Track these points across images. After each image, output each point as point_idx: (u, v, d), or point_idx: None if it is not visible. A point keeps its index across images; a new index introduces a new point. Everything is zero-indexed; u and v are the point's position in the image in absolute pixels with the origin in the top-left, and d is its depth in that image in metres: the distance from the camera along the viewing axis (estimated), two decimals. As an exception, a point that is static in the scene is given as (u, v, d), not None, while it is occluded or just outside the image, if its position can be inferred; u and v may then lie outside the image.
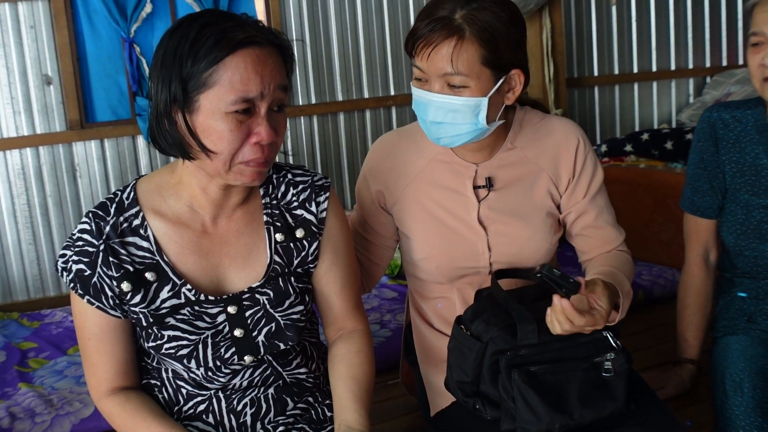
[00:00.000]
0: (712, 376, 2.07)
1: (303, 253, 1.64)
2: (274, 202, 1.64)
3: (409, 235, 1.91)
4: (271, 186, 1.65)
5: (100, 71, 3.98)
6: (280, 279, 1.61)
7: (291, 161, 4.29)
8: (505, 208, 1.86)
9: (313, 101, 4.38)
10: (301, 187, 1.66)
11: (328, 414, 1.73)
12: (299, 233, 1.64)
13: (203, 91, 1.40)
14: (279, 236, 1.62)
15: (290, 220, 1.64)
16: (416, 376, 2.09)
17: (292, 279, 1.62)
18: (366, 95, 4.51)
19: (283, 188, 1.65)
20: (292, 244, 1.63)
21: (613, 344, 1.69)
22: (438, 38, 1.65)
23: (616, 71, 5.34)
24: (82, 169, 3.93)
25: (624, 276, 1.80)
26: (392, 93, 4.58)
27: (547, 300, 1.67)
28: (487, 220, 1.85)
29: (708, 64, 5.68)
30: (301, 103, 4.35)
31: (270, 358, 1.63)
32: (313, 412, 1.73)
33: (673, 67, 5.56)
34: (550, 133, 1.89)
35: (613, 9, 5.26)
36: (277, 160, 1.67)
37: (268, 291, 1.60)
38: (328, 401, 1.75)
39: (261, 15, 4.26)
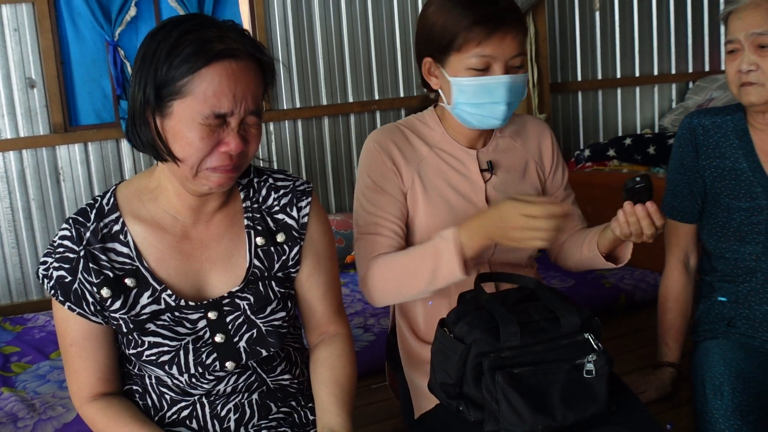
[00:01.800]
0: (692, 380, 2.08)
1: (284, 258, 1.64)
2: (255, 206, 1.64)
3: (417, 218, 1.93)
4: (252, 190, 1.65)
5: (84, 74, 3.97)
6: (260, 283, 1.61)
7: (275, 165, 4.29)
8: (507, 190, 1.96)
9: (298, 105, 4.38)
10: (282, 191, 1.65)
11: (311, 417, 1.74)
12: (280, 238, 1.64)
13: (177, 99, 1.40)
14: (259, 240, 1.62)
15: (271, 224, 1.64)
16: (399, 379, 2.09)
17: (273, 284, 1.62)
18: (350, 99, 4.51)
19: (264, 192, 1.65)
20: (272, 249, 1.63)
21: (595, 346, 1.71)
22: (515, 25, 1.81)
23: (600, 76, 5.36)
24: (66, 172, 3.92)
25: None
26: (377, 97, 4.58)
27: (530, 303, 1.77)
28: (493, 202, 1.93)
29: (690, 70, 5.71)
30: (285, 107, 4.35)
31: (254, 364, 1.63)
32: (296, 415, 1.73)
33: (656, 73, 5.59)
34: (526, 125, 2.07)
35: (597, 15, 5.28)
36: (261, 165, 1.67)
37: (249, 296, 1.59)
38: (310, 404, 1.75)
39: (246, 19, 4.25)
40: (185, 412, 1.62)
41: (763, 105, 2.00)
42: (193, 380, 1.58)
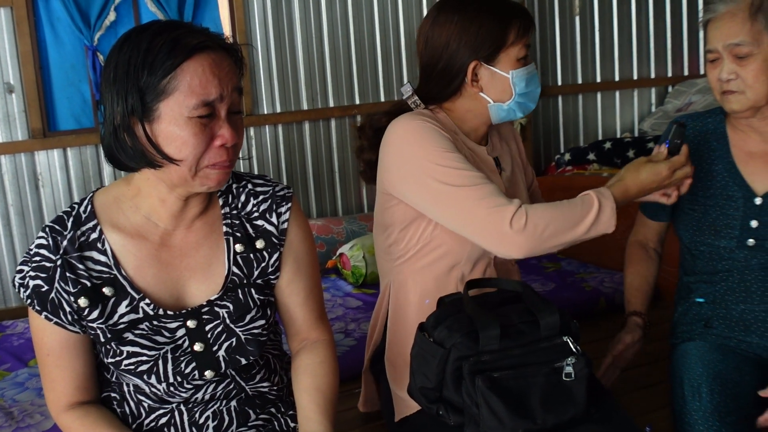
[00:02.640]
0: (671, 382, 2.09)
1: (263, 264, 1.63)
2: (234, 212, 1.63)
3: None
4: (230, 196, 1.64)
5: (63, 79, 3.94)
6: (239, 291, 1.60)
7: (256, 169, 4.28)
8: (514, 184, 2.10)
9: (279, 110, 4.37)
10: (261, 197, 1.65)
11: (292, 424, 1.73)
12: (259, 244, 1.63)
13: (162, 99, 1.39)
14: (239, 247, 1.61)
15: (250, 230, 1.63)
16: (382, 383, 2.09)
17: (252, 291, 1.61)
18: (331, 104, 4.51)
19: (243, 198, 1.64)
20: (251, 255, 1.62)
21: (573, 349, 1.72)
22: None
23: (580, 81, 5.38)
24: (45, 178, 3.89)
25: None
26: (357, 102, 4.58)
27: (509, 306, 1.79)
28: (507, 193, 1.98)
29: (670, 74, 5.74)
30: (266, 112, 4.34)
31: (233, 372, 1.62)
32: (276, 422, 1.72)
33: (635, 77, 5.62)
34: (500, 126, 2.15)
35: (577, 19, 5.31)
36: (240, 170, 1.66)
37: (228, 304, 1.59)
38: (291, 411, 1.75)
39: (226, 24, 4.25)
40: (163, 420, 1.61)
41: (746, 111, 2.02)
42: (172, 389, 1.57)
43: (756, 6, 1.97)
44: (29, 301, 1.50)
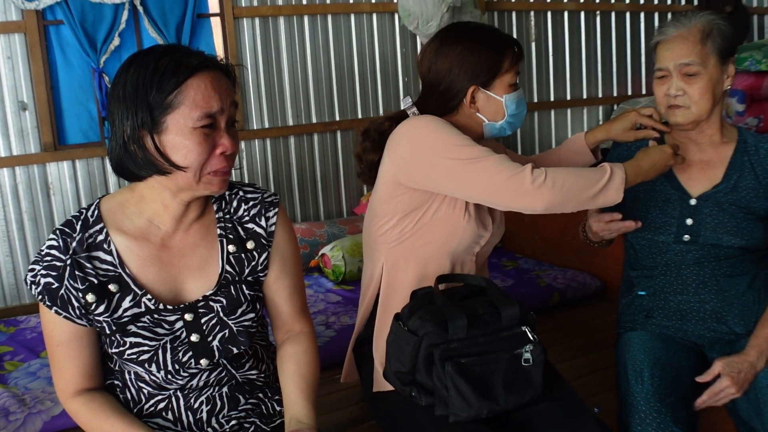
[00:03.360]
0: (616, 367, 2.11)
1: (253, 263, 1.63)
2: (227, 216, 1.63)
3: (436, 204, 1.96)
4: (224, 202, 1.64)
5: (72, 98, 3.90)
6: (231, 287, 1.60)
7: (246, 179, 4.28)
8: None
9: (266, 126, 4.36)
10: (252, 203, 1.65)
11: (277, 408, 1.73)
12: (250, 245, 1.63)
13: (169, 113, 1.40)
14: (231, 247, 1.61)
15: (242, 232, 1.63)
16: (366, 354, 2.08)
17: (244, 287, 1.61)
18: (314, 120, 4.51)
19: (235, 204, 1.64)
20: (243, 255, 1.62)
21: (531, 338, 1.74)
22: None
23: (536, 99, 5.40)
24: (56, 187, 3.85)
25: None
26: (337, 118, 4.58)
27: (474, 298, 1.82)
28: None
29: (615, 93, 5.79)
30: (255, 128, 4.33)
31: (224, 361, 1.62)
32: (263, 406, 1.72)
33: (585, 96, 5.65)
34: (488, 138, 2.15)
35: (533, 45, 5.33)
36: (232, 179, 1.66)
37: (221, 299, 1.58)
38: (277, 396, 1.75)
39: (219, 47, 4.23)
40: (161, 405, 1.61)
41: (688, 125, 2.05)
42: (169, 376, 1.56)
43: (706, 33, 2.01)
44: (40, 297, 1.49)
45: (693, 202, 2.10)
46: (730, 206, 2.06)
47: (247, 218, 1.64)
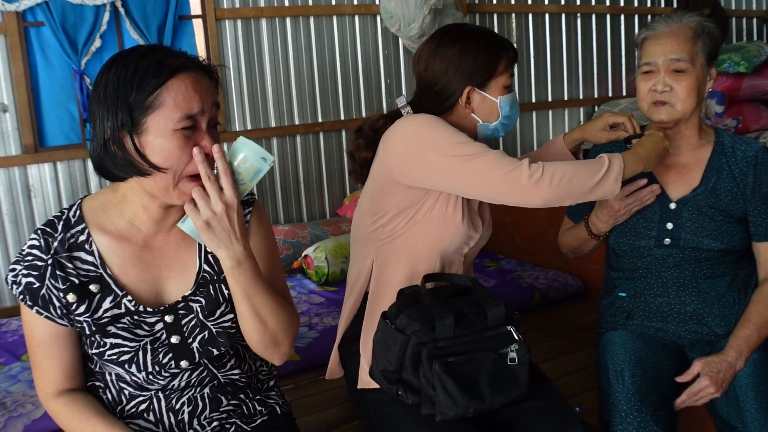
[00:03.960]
0: (598, 367, 2.12)
1: None
2: None
3: (429, 203, 1.96)
4: None
5: (53, 100, 3.87)
6: (210, 286, 1.59)
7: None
8: None
9: (249, 127, 4.35)
10: None
11: (258, 408, 1.73)
12: None
13: (149, 114, 1.38)
14: None
15: None
16: (351, 351, 2.08)
17: (222, 286, 1.61)
18: (297, 122, 4.50)
19: None
20: None
21: (516, 337, 1.75)
22: None
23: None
24: (36, 189, 3.82)
25: None
26: (320, 120, 4.58)
27: (460, 297, 1.83)
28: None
29: (596, 95, 5.82)
30: (237, 129, 4.32)
31: (206, 362, 1.61)
32: (244, 407, 1.71)
33: (566, 98, 5.68)
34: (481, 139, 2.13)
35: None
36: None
37: (201, 299, 1.58)
38: (258, 396, 1.74)
39: (201, 49, 4.22)
40: (143, 406, 1.60)
41: (671, 123, 2.05)
42: (150, 377, 1.55)
43: (697, 32, 2.01)
44: (21, 296, 1.48)
45: (673, 206, 2.10)
46: (710, 210, 2.07)
47: None
